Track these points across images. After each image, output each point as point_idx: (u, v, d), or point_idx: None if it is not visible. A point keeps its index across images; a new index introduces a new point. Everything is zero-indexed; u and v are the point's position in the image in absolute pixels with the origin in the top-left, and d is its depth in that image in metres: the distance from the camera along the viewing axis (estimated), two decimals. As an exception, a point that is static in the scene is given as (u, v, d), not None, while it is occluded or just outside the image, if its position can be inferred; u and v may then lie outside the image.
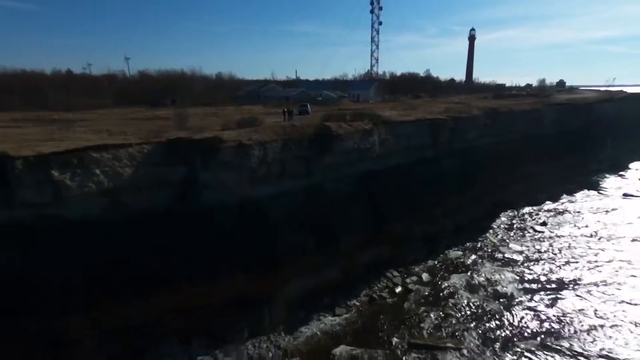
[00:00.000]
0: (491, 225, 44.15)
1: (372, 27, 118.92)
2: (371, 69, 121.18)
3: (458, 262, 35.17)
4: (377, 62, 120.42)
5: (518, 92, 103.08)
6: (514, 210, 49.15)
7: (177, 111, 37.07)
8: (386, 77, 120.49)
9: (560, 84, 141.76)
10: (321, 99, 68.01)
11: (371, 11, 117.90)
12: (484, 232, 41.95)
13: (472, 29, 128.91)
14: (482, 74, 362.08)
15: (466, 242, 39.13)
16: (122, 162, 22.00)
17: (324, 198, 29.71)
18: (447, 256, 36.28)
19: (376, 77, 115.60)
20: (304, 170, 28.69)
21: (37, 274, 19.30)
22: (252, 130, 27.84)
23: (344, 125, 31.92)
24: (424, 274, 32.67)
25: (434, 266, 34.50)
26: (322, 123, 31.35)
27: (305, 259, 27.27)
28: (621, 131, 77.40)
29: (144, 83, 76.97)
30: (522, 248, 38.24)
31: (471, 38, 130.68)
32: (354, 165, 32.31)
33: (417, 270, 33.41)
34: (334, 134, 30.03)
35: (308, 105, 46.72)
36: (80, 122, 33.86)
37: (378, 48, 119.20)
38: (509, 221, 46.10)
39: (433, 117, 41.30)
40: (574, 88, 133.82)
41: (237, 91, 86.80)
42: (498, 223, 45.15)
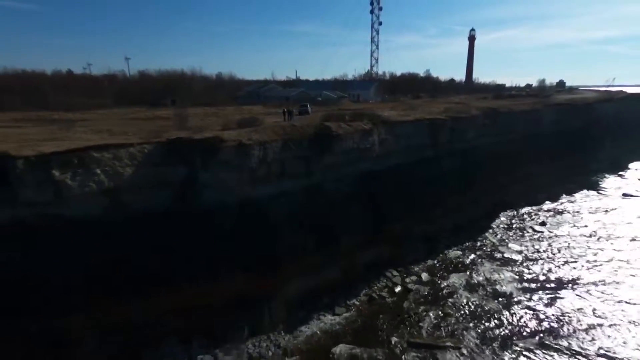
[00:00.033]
0: (490, 225, 44.26)
1: (372, 28, 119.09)
2: (371, 69, 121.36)
3: (457, 262, 35.27)
4: (377, 63, 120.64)
5: (518, 93, 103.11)
6: (514, 210, 49.25)
7: (177, 111, 37.16)
8: (386, 78, 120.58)
9: (560, 84, 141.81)
10: (321, 99, 68.06)
11: (371, 11, 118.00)
12: (484, 232, 42.05)
13: (472, 29, 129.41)
14: (482, 74, 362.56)
15: (465, 242, 39.24)
16: (123, 162, 22.11)
17: (324, 198, 29.80)
18: (447, 256, 36.38)
19: (376, 78, 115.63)
20: (304, 170, 28.78)
21: (38, 274, 19.39)
22: (252, 130, 27.93)
23: (344, 125, 32.02)
24: (424, 274, 32.76)
25: (434, 266, 34.60)
26: (322, 123, 31.45)
27: (305, 259, 27.36)
28: (621, 131, 77.52)
29: (144, 83, 76.98)
30: (521, 248, 38.34)
31: (471, 38, 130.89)
32: (354, 165, 32.40)
33: (417, 269, 33.52)
34: (334, 134, 30.12)
35: (308, 105, 46.75)
36: (80, 122, 33.95)
37: (378, 48, 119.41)
38: (509, 221, 46.20)
39: (432, 117, 41.41)
40: (574, 88, 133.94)
41: (237, 91, 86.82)
42: (497, 223, 45.26)
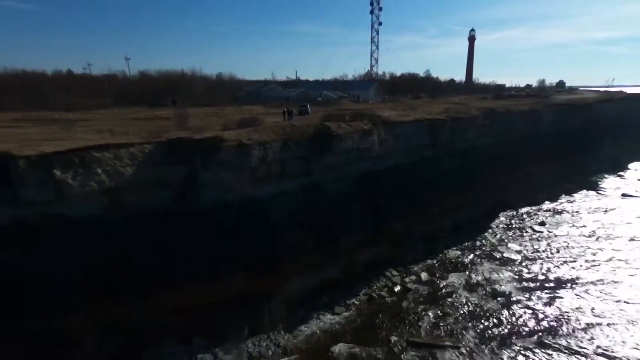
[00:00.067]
0: (490, 225, 44.34)
1: (372, 28, 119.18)
2: (371, 70, 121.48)
3: (457, 262, 35.35)
4: (377, 63, 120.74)
5: (517, 93, 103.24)
6: (513, 210, 49.34)
7: (178, 111, 37.25)
8: (386, 78, 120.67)
9: (560, 85, 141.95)
10: (321, 99, 68.14)
11: (371, 12, 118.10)
12: (483, 232, 42.13)
13: (472, 30, 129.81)
14: (482, 75, 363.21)
15: (465, 242, 39.32)
16: (123, 162, 22.19)
17: (324, 198, 29.90)
18: (446, 256, 36.46)
19: (376, 78, 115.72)
20: (304, 170, 28.88)
21: (39, 274, 19.43)
22: (252, 130, 28.02)
23: (344, 125, 32.11)
24: (423, 273, 32.83)
25: (433, 265, 34.68)
26: (322, 123, 31.55)
27: (305, 258, 27.44)
28: (620, 131, 77.60)
29: (144, 83, 77.10)
30: (521, 247, 38.42)
31: (471, 38, 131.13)
32: (354, 165, 32.50)
33: (416, 269, 33.60)
34: (334, 134, 30.21)
35: (308, 105, 46.83)
36: (80, 122, 34.04)
37: (378, 48, 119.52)
38: (508, 221, 46.29)
39: (432, 118, 41.50)
40: (574, 88, 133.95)
41: (238, 91, 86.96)
42: (497, 223, 45.34)
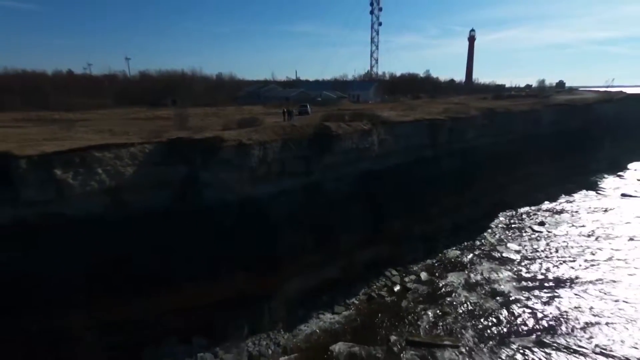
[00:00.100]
0: (489, 224, 44.44)
1: (372, 28, 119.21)
2: (371, 70, 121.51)
3: (456, 261, 35.44)
4: (377, 63, 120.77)
5: (517, 93, 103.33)
6: (513, 210, 49.44)
7: (178, 111, 37.35)
8: (386, 78, 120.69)
9: (559, 85, 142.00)
10: (321, 100, 68.22)
11: (371, 12, 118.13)
12: (483, 232, 42.22)
13: (472, 30, 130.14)
14: (482, 75, 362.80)
15: (464, 242, 39.41)
16: (124, 162, 22.26)
17: (324, 197, 29.98)
18: (446, 255, 36.55)
19: (376, 78, 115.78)
20: (304, 169, 28.96)
21: (39, 273, 19.48)
22: (253, 130, 28.10)
23: (343, 125, 32.19)
24: (423, 273, 32.91)
25: (433, 265, 34.76)
26: (322, 123, 31.63)
27: (305, 258, 27.51)
28: (620, 131, 77.67)
29: (145, 83, 77.13)
30: (520, 247, 38.52)
31: (471, 39, 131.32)
32: (353, 165, 32.59)
33: (416, 269, 33.69)
34: (334, 134, 30.30)
35: (308, 105, 46.93)
36: (81, 122, 34.11)
37: (378, 49, 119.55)
38: (508, 221, 46.38)
39: (432, 118, 41.58)
40: (574, 89, 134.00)
41: (238, 91, 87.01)
42: (496, 223, 45.44)
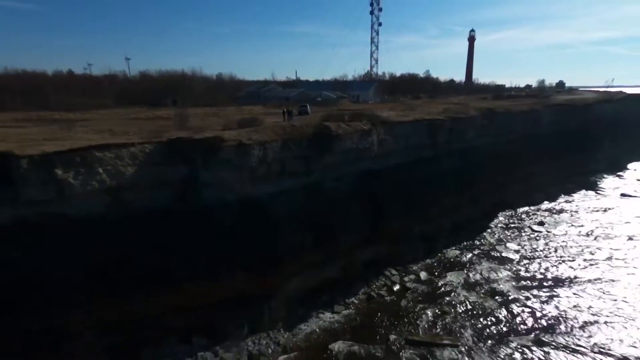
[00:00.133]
0: (489, 224, 44.54)
1: (372, 28, 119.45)
2: (371, 70, 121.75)
3: (456, 261, 35.53)
4: (377, 63, 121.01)
5: (517, 93, 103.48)
6: (512, 209, 49.54)
7: (178, 111, 37.46)
8: (386, 78, 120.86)
9: (559, 85, 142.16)
10: (321, 100, 68.28)
11: (371, 12, 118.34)
12: (482, 232, 42.32)
13: (472, 30, 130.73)
14: (482, 75, 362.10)
15: (464, 241, 39.51)
16: (124, 161, 22.35)
17: (324, 197, 30.05)
18: (445, 255, 36.64)
19: (376, 78, 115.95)
20: (304, 169, 29.04)
21: (40, 273, 19.52)
22: (253, 130, 28.19)
23: (343, 125, 32.28)
24: (422, 273, 33.00)
25: (432, 265, 34.85)
26: (322, 123, 31.71)
27: (305, 258, 27.60)
28: (620, 131, 77.68)
29: (145, 83, 77.19)
30: (519, 247, 38.61)
31: (471, 39, 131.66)
32: (353, 164, 32.68)
33: (415, 268, 33.78)
34: (333, 134, 30.38)
35: (308, 105, 47.00)
36: (81, 122, 34.17)
37: (378, 49, 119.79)
38: (507, 221, 46.49)
39: (431, 118, 41.67)
40: (574, 89, 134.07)
41: (238, 92, 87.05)
42: (496, 222, 45.54)
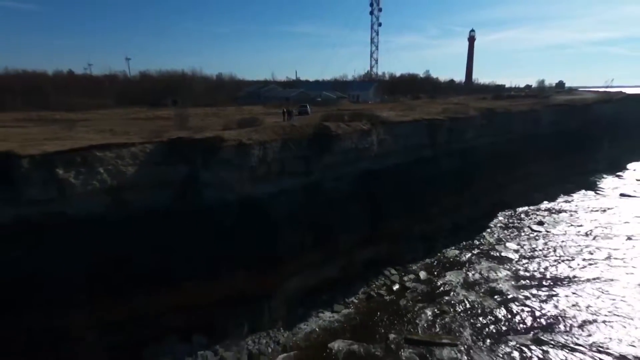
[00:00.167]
0: (489, 224, 44.62)
1: (372, 29, 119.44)
2: (371, 70, 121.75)
3: (455, 261, 35.62)
4: (377, 63, 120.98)
5: (517, 93, 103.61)
6: (512, 209, 49.63)
7: (178, 111, 37.55)
8: (385, 78, 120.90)
9: (559, 85, 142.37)
10: (320, 100, 68.37)
11: (371, 12, 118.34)
12: (482, 231, 42.41)
13: (472, 30, 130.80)
14: (482, 75, 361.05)
15: (463, 241, 39.60)
16: (125, 161, 22.44)
17: (323, 197, 30.13)
18: (445, 255, 36.73)
19: (375, 78, 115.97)
20: (304, 169, 29.12)
21: (41, 272, 19.58)
22: (253, 130, 28.28)
23: (343, 125, 32.37)
24: (422, 272, 33.09)
25: (432, 264, 34.94)
26: (321, 123, 31.81)
27: (304, 257, 27.67)
28: (620, 132, 77.75)
29: (145, 83, 77.27)
30: (519, 246, 38.71)
31: (471, 39, 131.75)
32: (353, 164, 32.77)
33: (415, 268, 33.87)
34: (333, 134, 30.47)
35: (307, 105, 47.10)
36: (82, 122, 34.27)
37: (377, 49, 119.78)
38: (507, 220, 46.57)
39: (431, 118, 41.76)
40: (573, 89, 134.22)
41: (238, 92, 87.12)
42: (495, 222, 45.63)
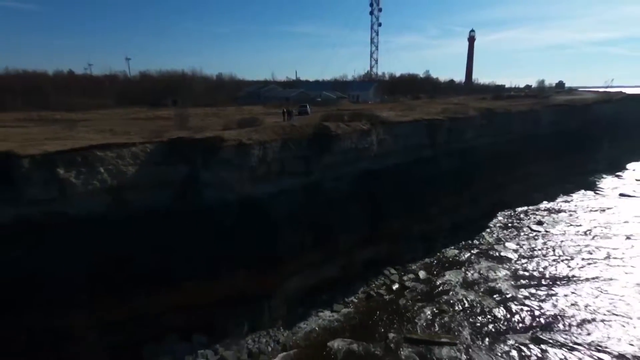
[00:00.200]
0: (488, 224, 44.71)
1: (372, 29, 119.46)
2: (370, 70, 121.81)
3: (455, 260, 35.71)
4: (377, 63, 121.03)
5: (517, 93, 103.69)
6: (511, 209, 49.73)
7: (178, 111, 37.63)
8: (385, 78, 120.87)
9: (559, 85, 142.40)
10: (320, 100, 68.44)
11: (371, 12, 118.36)
12: (481, 231, 42.49)
13: (472, 30, 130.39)
14: (482, 75, 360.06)
15: (463, 241, 39.70)
16: (125, 161, 22.53)
17: (323, 197, 30.20)
18: (444, 254, 36.82)
19: (375, 78, 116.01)
20: (303, 169, 29.20)
21: (42, 272, 19.64)
22: (253, 130, 28.36)
23: (343, 125, 32.45)
24: (421, 272, 33.18)
25: (431, 264, 35.03)
26: (321, 123, 31.89)
27: (304, 257, 27.75)
28: (619, 132, 77.84)
29: (145, 83, 77.29)
30: (518, 246, 38.81)
31: (471, 39, 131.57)
32: (352, 164, 32.84)
33: (414, 268, 33.96)
34: (333, 134, 30.54)
35: (307, 105, 47.18)
36: (82, 122, 34.38)
37: (377, 49, 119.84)
38: (506, 220, 46.67)
39: (430, 118, 41.84)
40: (573, 89, 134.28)
41: (238, 92, 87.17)
42: (495, 222, 45.71)
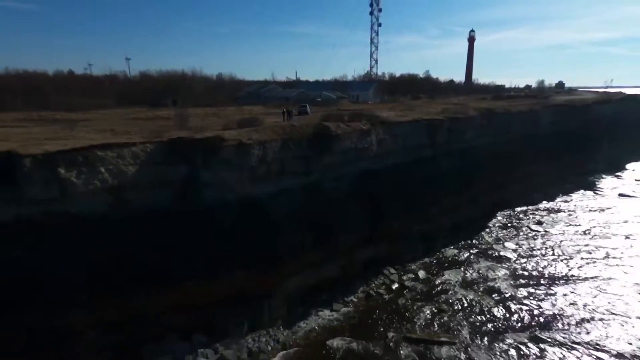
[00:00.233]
0: (488, 224, 44.79)
1: (372, 29, 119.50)
2: (370, 70, 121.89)
3: (454, 260, 35.79)
4: (377, 63, 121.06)
5: (517, 94, 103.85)
6: (511, 209, 49.83)
7: (178, 111, 37.70)
8: (385, 78, 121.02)
9: (559, 85, 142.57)
10: (320, 100, 68.52)
11: (371, 13, 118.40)
12: (481, 231, 42.57)
13: (472, 30, 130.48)
14: (482, 75, 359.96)
15: (463, 241, 39.78)
16: (126, 161, 22.60)
17: (323, 196, 30.27)
18: (444, 254, 36.91)
19: (375, 78, 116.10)
20: (303, 169, 29.27)
21: (42, 272, 19.68)
22: (253, 130, 28.43)
23: (343, 125, 32.52)
24: (421, 272, 33.26)
25: (431, 264, 35.11)
26: (321, 123, 31.96)
27: (304, 257, 27.82)
28: (619, 132, 77.95)
29: (145, 83, 77.33)
30: (517, 246, 38.89)
31: (471, 39, 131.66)
32: (352, 164, 32.92)
33: (414, 267, 34.04)
34: (333, 134, 30.62)
35: (307, 105, 47.26)
36: (82, 122, 34.47)
37: (377, 49, 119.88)
38: (506, 220, 46.75)
39: (430, 118, 41.93)
40: (573, 89, 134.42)
41: (238, 92, 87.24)
42: (494, 222, 45.79)
